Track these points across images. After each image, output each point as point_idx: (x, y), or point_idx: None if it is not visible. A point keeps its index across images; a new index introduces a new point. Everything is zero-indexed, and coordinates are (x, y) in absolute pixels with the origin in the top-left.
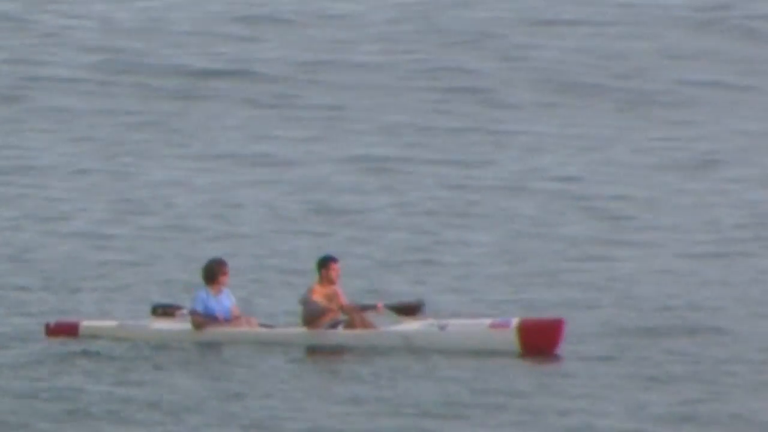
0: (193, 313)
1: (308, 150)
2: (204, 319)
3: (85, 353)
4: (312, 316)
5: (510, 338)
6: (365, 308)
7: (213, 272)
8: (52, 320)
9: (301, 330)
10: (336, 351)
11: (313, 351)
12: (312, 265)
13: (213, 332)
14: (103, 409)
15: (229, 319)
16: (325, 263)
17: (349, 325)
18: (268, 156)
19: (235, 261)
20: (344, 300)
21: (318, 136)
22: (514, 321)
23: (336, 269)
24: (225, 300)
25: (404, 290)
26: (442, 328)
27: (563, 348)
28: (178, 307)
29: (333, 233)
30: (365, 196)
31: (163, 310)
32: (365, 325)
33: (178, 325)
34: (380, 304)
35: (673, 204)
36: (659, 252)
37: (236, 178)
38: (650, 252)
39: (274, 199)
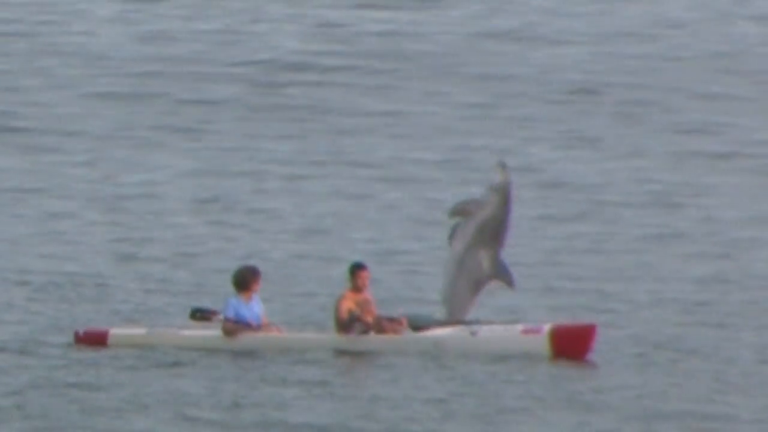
0: (225, 320)
1: None
2: (235, 326)
3: (114, 360)
4: (342, 326)
5: (541, 344)
6: (387, 323)
7: (246, 279)
8: (81, 328)
9: (332, 336)
10: (367, 356)
11: (344, 356)
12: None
13: (244, 339)
14: (132, 418)
15: (260, 326)
16: (354, 270)
17: (380, 330)
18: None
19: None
20: (374, 308)
21: None
22: (546, 326)
23: (364, 276)
24: (255, 307)
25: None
26: (473, 333)
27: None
28: (215, 312)
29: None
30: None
31: (202, 315)
32: (396, 330)
33: (209, 331)
34: (404, 319)
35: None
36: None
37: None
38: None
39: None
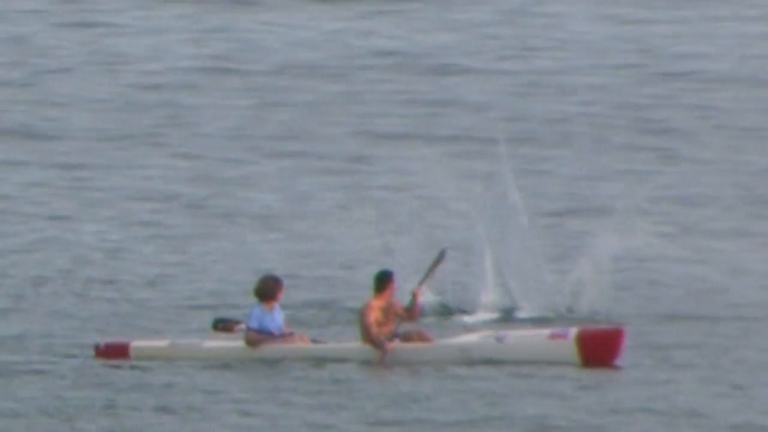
0: (248, 330)
1: None
2: (259, 336)
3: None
4: (370, 340)
5: (569, 349)
6: (412, 309)
7: (270, 289)
8: (102, 341)
9: (357, 345)
10: (394, 364)
11: (369, 365)
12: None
13: (267, 349)
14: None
15: (282, 335)
16: (381, 278)
17: (406, 338)
18: None
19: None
20: (400, 309)
21: None
22: (573, 331)
23: (391, 285)
24: (277, 316)
25: None
26: (499, 339)
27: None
28: (237, 322)
29: None
30: None
31: (224, 325)
32: (422, 338)
33: (231, 342)
34: (416, 290)
35: None
36: None
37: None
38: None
39: None
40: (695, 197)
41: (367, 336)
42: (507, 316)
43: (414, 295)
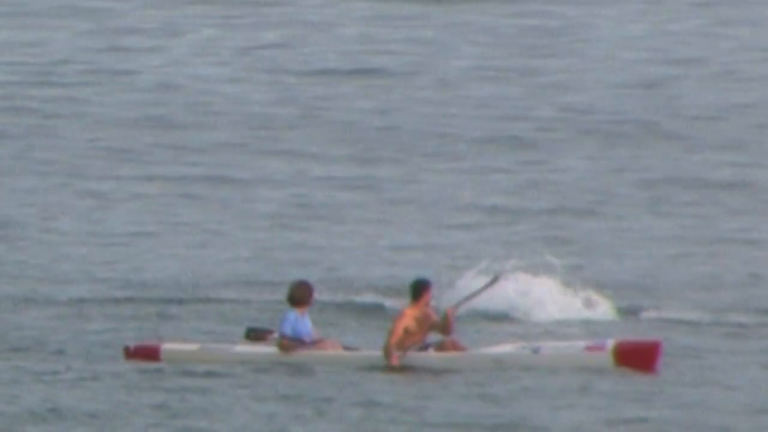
0: (282, 336)
1: None
2: (292, 342)
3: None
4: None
5: (606, 361)
6: (445, 325)
7: (305, 294)
8: (132, 343)
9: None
10: (427, 373)
11: (400, 372)
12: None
13: (298, 355)
14: None
15: (314, 342)
16: (416, 287)
17: (441, 347)
18: None
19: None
20: (435, 320)
21: None
22: (610, 343)
23: (428, 294)
24: (308, 321)
25: None
26: (535, 351)
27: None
28: (270, 331)
29: None
30: None
31: (256, 335)
32: (456, 347)
33: (262, 347)
34: (451, 309)
35: None
36: None
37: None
38: None
39: None
40: None
41: (387, 340)
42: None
43: (447, 315)
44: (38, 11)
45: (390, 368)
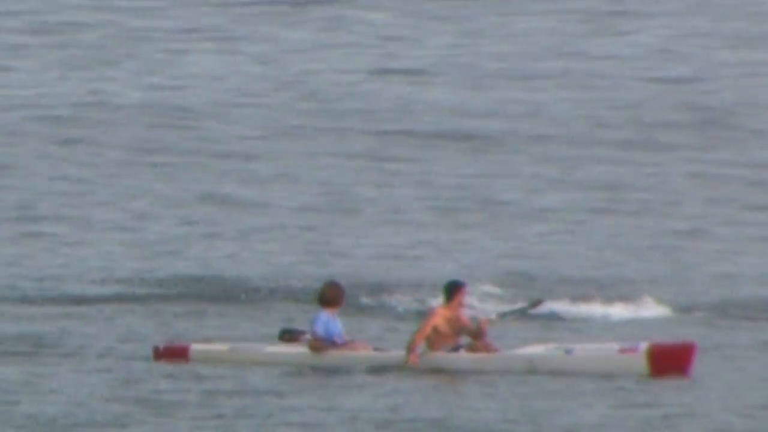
0: (314, 336)
1: None
2: (323, 343)
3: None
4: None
5: (639, 363)
6: (477, 333)
7: (337, 295)
8: (161, 343)
9: (423, 352)
10: (458, 375)
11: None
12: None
13: (329, 356)
14: None
15: (344, 343)
16: (450, 288)
17: (472, 348)
18: None
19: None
20: (466, 324)
21: None
22: (643, 345)
23: (461, 295)
24: (338, 322)
25: None
26: (568, 352)
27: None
28: (303, 332)
29: None
30: None
31: (290, 336)
32: (488, 348)
33: (292, 348)
34: (485, 321)
35: None
36: None
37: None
38: None
39: None
40: None
41: (413, 335)
42: None
43: (480, 325)
44: None
45: (405, 364)
